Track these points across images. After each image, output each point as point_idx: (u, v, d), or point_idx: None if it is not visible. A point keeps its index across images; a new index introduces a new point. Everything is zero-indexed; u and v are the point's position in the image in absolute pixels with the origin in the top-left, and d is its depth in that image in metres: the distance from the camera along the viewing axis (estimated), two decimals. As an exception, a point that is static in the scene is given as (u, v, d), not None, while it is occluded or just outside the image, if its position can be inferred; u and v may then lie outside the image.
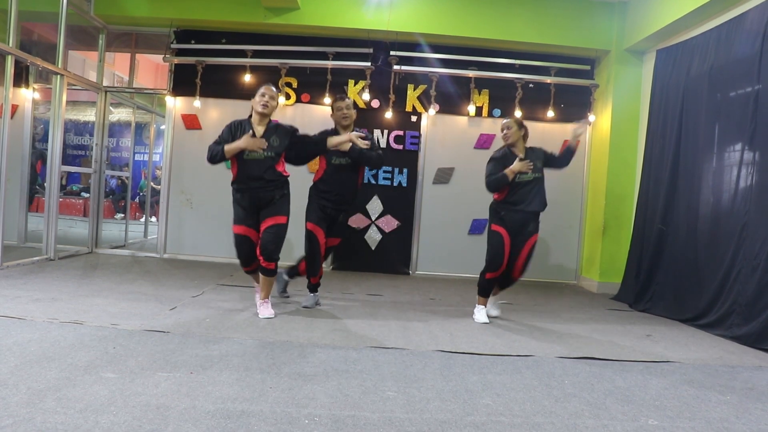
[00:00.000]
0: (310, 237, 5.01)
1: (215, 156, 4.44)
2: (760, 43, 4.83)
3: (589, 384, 3.30)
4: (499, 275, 4.93)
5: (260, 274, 4.56)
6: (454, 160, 7.72)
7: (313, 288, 5.12)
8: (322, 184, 5.07)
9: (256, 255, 4.56)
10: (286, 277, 5.36)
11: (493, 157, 4.98)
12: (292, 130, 4.68)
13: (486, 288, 4.95)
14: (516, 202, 4.80)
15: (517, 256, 4.88)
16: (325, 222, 5.05)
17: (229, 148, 4.37)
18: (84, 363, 3.02)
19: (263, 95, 4.51)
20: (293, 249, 7.12)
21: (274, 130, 4.57)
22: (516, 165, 4.71)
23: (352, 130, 5.00)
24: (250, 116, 4.60)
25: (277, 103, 4.66)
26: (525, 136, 4.97)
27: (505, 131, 4.90)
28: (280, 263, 4.58)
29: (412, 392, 2.95)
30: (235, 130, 4.52)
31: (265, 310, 4.55)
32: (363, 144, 4.71)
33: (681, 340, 4.69)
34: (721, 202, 5.28)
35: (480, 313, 4.91)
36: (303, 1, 7.14)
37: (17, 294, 4.65)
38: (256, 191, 4.46)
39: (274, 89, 4.61)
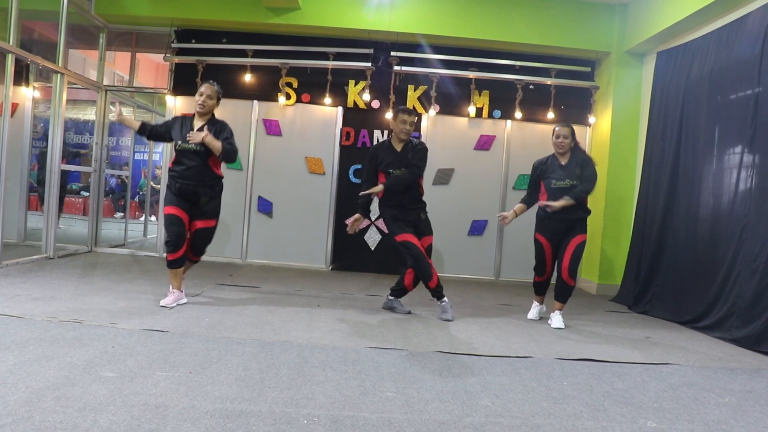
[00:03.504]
0: (407, 246, 4.84)
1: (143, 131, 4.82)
2: (761, 45, 4.84)
3: (588, 385, 3.30)
4: (546, 281, 5.18)
5: (187, 262, 4.81)
6: (454, 162, 7.72)
7: (438, 294, 4.93)
8: (387, 197, 4.92)
9: (184, 238, 4.61)
10: (396, 304, 5.13)
11: (536, 166, 5.08)
12: (225, 126, 4.69)
13: (535, 288, 5.31)
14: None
15: (561, 259, 4.92)
16: (411, 226, 4.92)
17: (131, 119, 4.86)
18: (83, 362, 3.02)
19: (201, 94, 4.63)
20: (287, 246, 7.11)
21: (212, 123, 4.67)
22: (559, 203, 4.72)
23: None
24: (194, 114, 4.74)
25: (218, 101, 4.75)
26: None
27: (555, 140, 4.88)
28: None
29: (411, 393, 2.95)
30: (175, 125, 4.72)
31: (169, 298, 4.67)
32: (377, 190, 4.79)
33: (680, 342, 4.69)
34: (721, 205, 5.28)
35: (533, 310, 5.29)
36: (304, 1, 7.15)
37: (16, 292, 4.64)
38: (186, 183, 4.57)
39: (215, 87, 4.70)
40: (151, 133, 4.82)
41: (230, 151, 4.57)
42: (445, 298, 4.97)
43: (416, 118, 5.03)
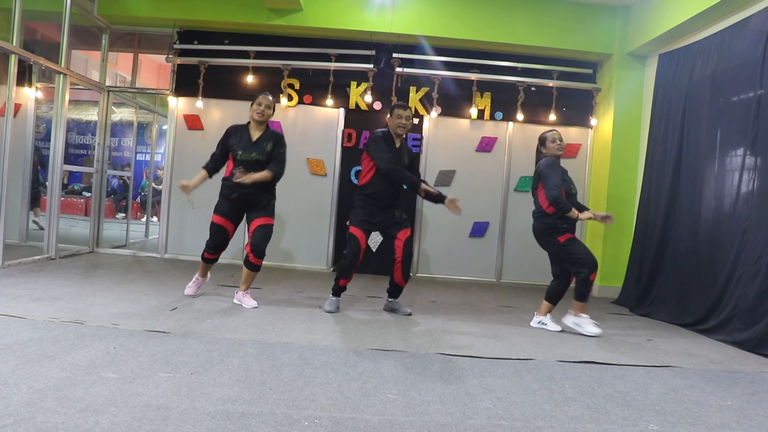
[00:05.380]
0: (353, 241, 4.91)
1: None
2: (763, 47, 4.84)
3: (590, 388, 3.30)
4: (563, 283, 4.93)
5: (246, 269, 4.90)
6: (456, 163, 7.72)
7: (337, 291, 5.07)
8: (370, 188, 4.95)
9: (225, 245, 5.06)
10: (396, 306, 5.18)
11: (552, 164, 4.80)
12: (281, 141, 4.95)
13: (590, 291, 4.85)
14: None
15: None
16: (372, 227, 4.99)
17: (197, 179, 4.89)
18: (84, 363, 3.02)
19: (259, 104, 4.78)
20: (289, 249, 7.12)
21: (270, 136, 4.87)
22: (585, 215, 4.68)
23: (406, 139, 5.09)
24: (249, 123, 4.87)
25: (273, 111, 4.95)
26: None
27: (558, 143, 4.82)
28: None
29: (413, 395, 2.95)
30: (233, 135, 4.83)
31: (250, 301, 4.91)
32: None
33: (682, 344, 4.69)
34: (723, 207, 5.28)
35: (589, 324, 4.78)
36: (306, 2, 7.15)
37: (18, 293, 4.65)
38: (247, 192, 4.77)
39: (270, 98, 4.86)
40: (217, 165, 4.96)
41: (280, 172, 4.86)
42: (334, 297, 5.07)
43: (411, 113, 5.05)
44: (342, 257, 4.98)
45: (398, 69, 7.47)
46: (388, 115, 5.07)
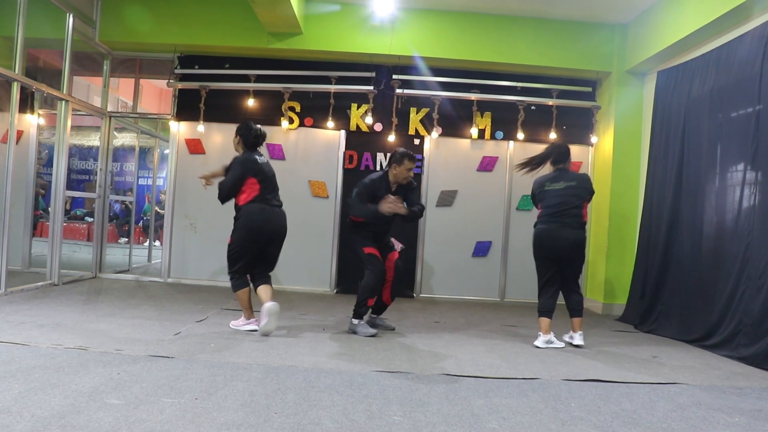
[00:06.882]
0: (373, 260, 5.01)
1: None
2: (760, 63, 4.87)
3: (596, 407, 3.28)
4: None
5: (271, 288, 4.95)
6: (457, 183, 7.73)
7: (360, 313, 5.08)
8: (369, 222, 5.13)
9: None
10: (378, 321, 5.34)
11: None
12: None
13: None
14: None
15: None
16: (378, 246, 5.17)
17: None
18: (88, 389, 3.01)
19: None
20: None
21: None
22: None
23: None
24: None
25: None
26: None
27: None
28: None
29: (418, 416, 2.93)
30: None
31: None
32: (403, 211, 4.98)
33: (687, 361, 4.66)
34: (725, 222, 5.28)
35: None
36: (306, 26, 7.22)
37: (21, 320, 4.64)
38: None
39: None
40: None
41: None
42: (364, 319, 5.12)
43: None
44: (365, 278, 4.96)
45: (398, 90, 7.52)
46: (396, 163, 5.04)
